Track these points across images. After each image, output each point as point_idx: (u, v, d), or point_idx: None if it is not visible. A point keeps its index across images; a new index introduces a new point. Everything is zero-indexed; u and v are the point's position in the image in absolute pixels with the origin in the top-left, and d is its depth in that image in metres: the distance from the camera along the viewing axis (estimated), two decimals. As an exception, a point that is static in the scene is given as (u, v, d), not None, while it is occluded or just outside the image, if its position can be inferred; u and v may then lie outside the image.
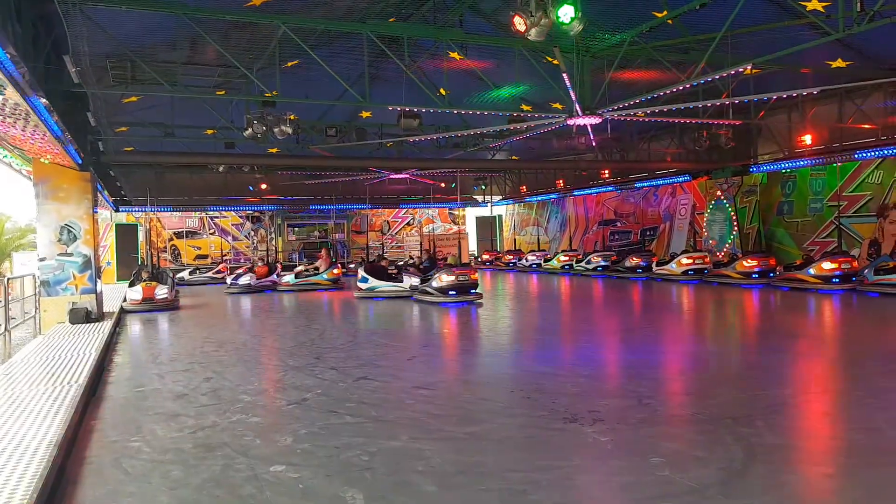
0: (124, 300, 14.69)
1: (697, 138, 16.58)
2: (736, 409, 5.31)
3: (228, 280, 19.19)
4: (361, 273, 15.92)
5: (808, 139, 16.46)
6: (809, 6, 9.67)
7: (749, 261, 15.75)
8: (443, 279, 13.70)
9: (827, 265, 13.61)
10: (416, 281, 14.77)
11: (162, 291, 14.39)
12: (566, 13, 6.81)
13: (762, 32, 11.00)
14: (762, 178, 18.21)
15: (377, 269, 16.27)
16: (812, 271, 13.82)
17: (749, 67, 10.76)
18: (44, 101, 7.23)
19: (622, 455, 4.29)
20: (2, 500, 3.43)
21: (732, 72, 10.10)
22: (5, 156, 15.19)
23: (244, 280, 18.60)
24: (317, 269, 19.15)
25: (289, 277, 18.82)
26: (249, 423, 5.24)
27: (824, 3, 9.63)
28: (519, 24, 6.96)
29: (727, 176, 19.01)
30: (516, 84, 13.14)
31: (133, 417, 5.58)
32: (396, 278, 15.85)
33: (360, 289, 15.69)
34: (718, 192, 19.53)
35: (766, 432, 4.66)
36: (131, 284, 15.02)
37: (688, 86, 10.58)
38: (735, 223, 18.85)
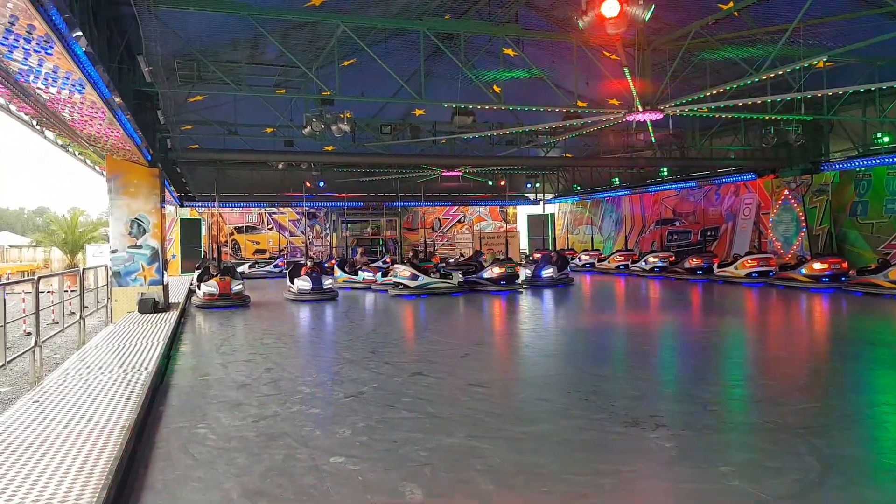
0: (194, 294, 14.57)
1: (764, 135, 15.92)
2: (809, 418, 5.07)
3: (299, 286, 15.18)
4: (409, 272, 16.08)
5: (884, 136, 15.62)
6: (890, -5, 9.16)
7: (819, 263, 15.04)
8: (494, 270, 16.34)
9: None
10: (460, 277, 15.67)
11: (237, 285, 13.99)
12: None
13: (837, 23, 10.49)
14: (834, 176, 17.39)
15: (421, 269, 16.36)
16: (888, 275, 13.10)
17: (822, 60, 10.29)
18: (118, 100, 7.55)
19: (688, 462, 4.15)
20: (80, 480, 3.59)
21: (805, 65, 9.65)
22: (80, 153, 15.97)
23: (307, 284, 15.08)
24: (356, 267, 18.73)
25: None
26: (309, 415, 5.33)
27: (906, -8, 9.11)
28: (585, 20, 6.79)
29: (796, 174, 18.24)
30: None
31: (199, 405, 5.76)
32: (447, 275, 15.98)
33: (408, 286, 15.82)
34: (786, 192, 18.77)
35: (842, 443, 4.44)
36: (200, 279, 14.65)
37: (755, 80, 10.17)
38: (803, 224, 18.07)
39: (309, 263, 15.79)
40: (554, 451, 4.42)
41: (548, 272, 17.68)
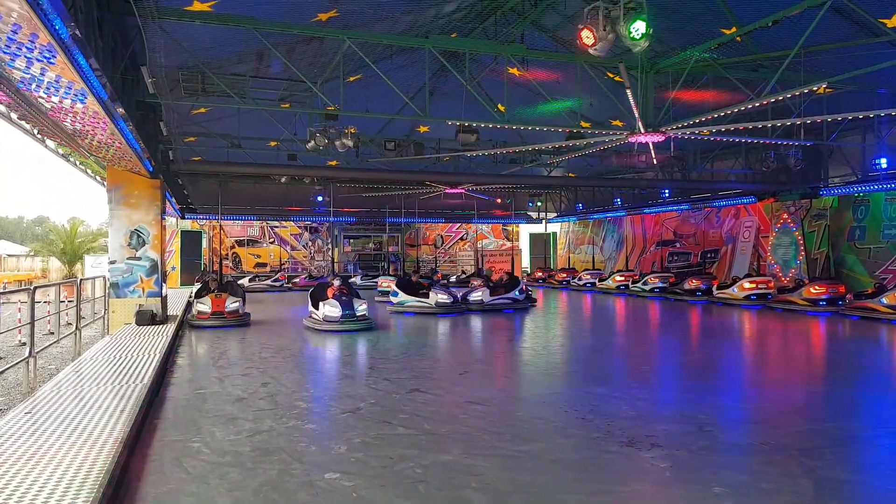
0: (188, 312, 13.58)
1: (764, 158, 16.01)
2: (803, 440, 5.05)
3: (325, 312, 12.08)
4: (393, 287, 15.62)
5: (883, 162, 15.68)
6: (890, 23, 9.26)
7: (816, 287, 15.05)
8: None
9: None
10: (443, 297, 14.61)
11: (233, 304, 12.72)
12: (638, 29, 6.74)
13: (837, 51, 10.59)
14: (833, 201, 17.44)
15: (409, 284, 15.71)
16: (885, 300, 13.09)
17: (823, 86, 10.37)
18: (121, 110, 7.59)
19: (683, 483, 4.12)
20: (71, 492, 3.55)
21: (805, 90, 9.73)
22: (81, 162, 16.02)
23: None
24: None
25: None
26: (305, 430, 5.29)
27: (907, 20, 9.21)
28: (587, 38, 6.88)
29: (795, 198, 18.30)
30: (573, 98, 13.03)
31: (193, 418, 5.72)
32: (425, 294, 14.91)
33: (392, 303, 15.39)
34: (785, 215, 18.81)
35: (835, 466, 4.42)
36: (198, 294, 13.53)
37: (756, 104, 10.24)
38: (802, 248, 18.09)
39: (336, 283, 13.01)
40: (549, 470, 4.39)
41: (476, 296, 15.66)
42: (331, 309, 11.94)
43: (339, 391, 6.84)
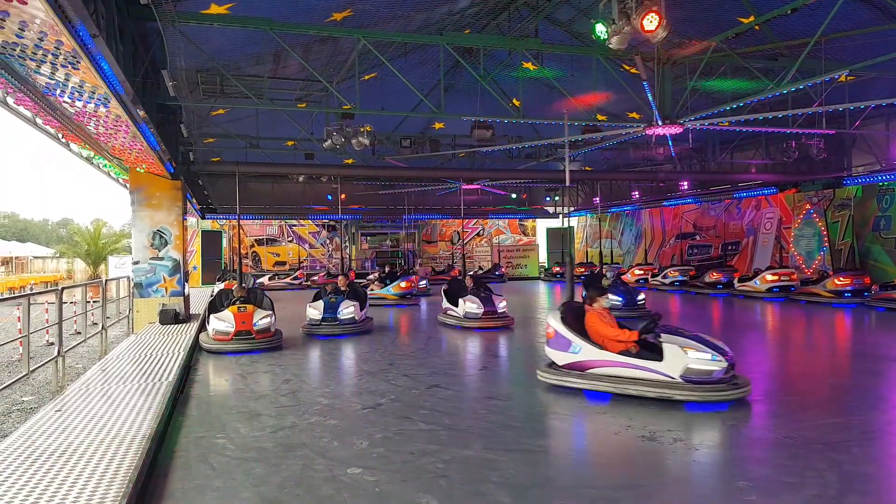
0: (204, 330, 10.22)
1: (785, 149, 15.80)
2: (828, 433, 4.99)
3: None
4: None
5: (908, 150, 15.40)
6: (913, 8, 9.09)
7: (841, 279, 14.82)
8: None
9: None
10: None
11: (263, 319, 9.44)
12: (651, 20, 6.68)
13: (859, 37, 10.41)
14: (857, 191, 17.15)
15: (459, 288, 12.41)
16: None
17: (844, 74, 10.20)
18: (142, 113, 7.71)
19: (705, 477, 4.12)
20: (102, 486, 3.64)
21: (826, 78, 9.58)
22: (105, 165, 16.27)
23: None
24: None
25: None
26: (327, 426, 5.36)
27: (930, 5, 9.03)
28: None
29: (818, 188, 18.02)
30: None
31: (218, 415, 5.81)
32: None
33: (449, 315, 12.15)
34: (808, 206, 18.54)
35: (862, 460, 4.37)
36: (212, 308, 10.11)
37: (776, 94, 10.11)
38: (825, 238, 17.83)
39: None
40: (570, 465, 4.40)
41: (347, 312, 10.87)
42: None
43: (360, 387, 6.89)
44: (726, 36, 10.13)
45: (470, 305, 11.47)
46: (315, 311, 10.95)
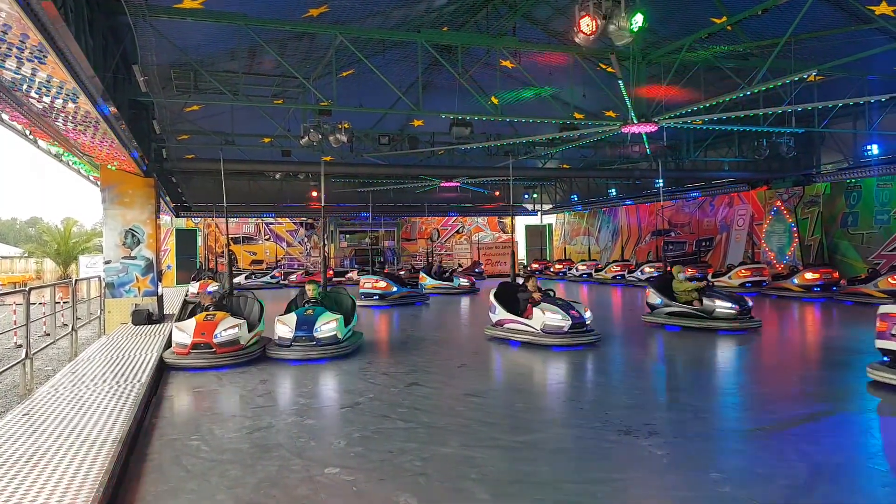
0: (168, 345, 8.67)
1: (757, 147, 16.08)
2: (798, 424, 5.10)
3: None
4: (493, 301, 9.87)
5: (874, 148, 15.77)
6: (878, 10, 9.30)
7: (810, 273, 15.14)
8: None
9: (894, 279, 12.97)
10: (556, 319, 8.83)
11: (229, 329, 8.05)
12: (637, 21, 6.80)
13: (827, 38, 10.63)
14: (825, 188, 17.52)
15: (510, 294, 9.89)
16: (878, 285, 13.19)
17: (813, 74, 10.40)
18: (113, 109, 7.56)
19: (679, 469, 4.17)
20: (70, 492, 3.57)
21: (796, 78, 9.76)
22: (75, 162, 15.94)
23: None
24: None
25: None
26: (304, 426, 5.31)
27: (895, 7, 9.25)
28: (586, 26, 6.87)
29: (788, 186, 18.39)
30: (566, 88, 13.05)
31: (192, 417, 5.74)
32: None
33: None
34: (778, 203, 18.88)
35: (831, 449, 4.47)
36: (183, 311, 9.45)
37: (748, 93, 10.27)
38: (795, 234, 18.18)
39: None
40: (548, 460, 4.42)
41: (328, 329, 8.44)
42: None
43: (338, 386, 6.85)
44: (699, 36, 10.26)
45: (552, 317, 8.83)
46: (285, 328, 8.43)
